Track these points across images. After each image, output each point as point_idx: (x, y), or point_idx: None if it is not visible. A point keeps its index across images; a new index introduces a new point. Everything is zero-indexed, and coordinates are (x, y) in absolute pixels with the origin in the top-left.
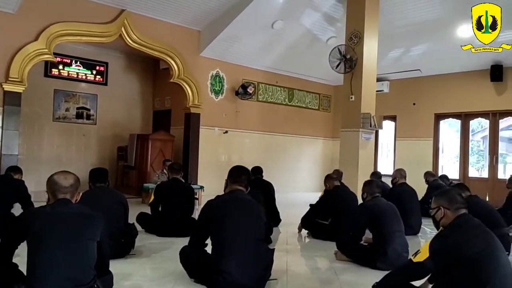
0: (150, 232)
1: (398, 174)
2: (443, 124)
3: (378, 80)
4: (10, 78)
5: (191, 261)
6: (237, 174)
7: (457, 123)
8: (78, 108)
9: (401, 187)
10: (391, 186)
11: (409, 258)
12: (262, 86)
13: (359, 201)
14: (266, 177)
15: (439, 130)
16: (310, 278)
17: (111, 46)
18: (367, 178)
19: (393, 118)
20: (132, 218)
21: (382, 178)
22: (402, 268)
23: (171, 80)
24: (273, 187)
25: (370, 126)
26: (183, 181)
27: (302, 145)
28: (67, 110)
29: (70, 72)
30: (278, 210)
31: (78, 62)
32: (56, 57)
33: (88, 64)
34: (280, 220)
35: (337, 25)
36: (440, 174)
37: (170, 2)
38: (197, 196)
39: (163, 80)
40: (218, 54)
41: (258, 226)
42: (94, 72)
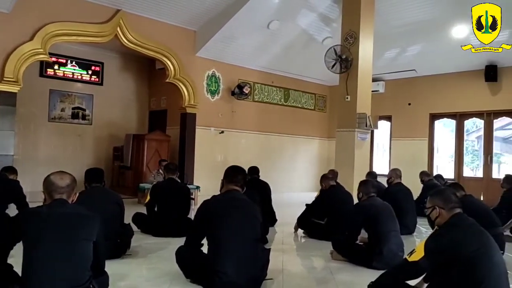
0: (146, 232)
1: (394, 174)
2: (438, 124)
3: (374, 80)
4: (5, 78)
5: (187, 261)
6: (233, 174)
7: (452, 123)
8: (73, 108)
9: (396, 187)
10: (387, 186)
11: (404, 257)
12: (258, 86)
13: (355, 200)
14: (262, 177)
15: (434, 130)
16: (306, 277)
17: (107, 46)
18: (363, 178)
19: (388, 118)
20: (128, 219)
21: (378, 178)
22: (398, 267)
23: (167, 80)
24: (269, 187)
25: (366, 126)
26: (179, 181)
27: (298, 145)
28: (63, 110)
29: (65, 72)
30: (274, 210)
31: (74, 62)
32: (51, 57)
33: (83, 64)
34: (276, 220)
35: (332, 25)
36: (435, 173)
37: (166, 2)
38: (193, 196)
39: (159, 80)
40: (214, 54)
41: (254, 226)
42: (90, 72)
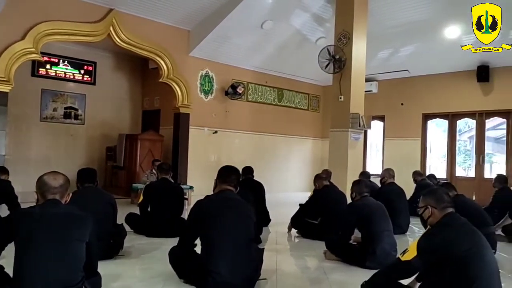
0: (139, 232)
1: (387, 173)
2: (431, 124)
3: (367, 80)
4: None
5: (181, 261)
6: (226, 174)
7: (444, 123)
8: (66, 108)
9: (389, 187)
10: (380, 185)
11: (397, 257)
12: (252, 86)
13: (348, 200)
14: (256, 177)
15: (427, 130)
16: (299, 277)
17: (99, 45)
18: (356, 178)
19: (381, 118)
20: (121, 219)
21: (371, 178)
22: (390, 267)
23: (160, 80)
24: (263, 187)
25: (359, 126)
26: (172, 181)
27: (292, 145)
28: (55, 110)
29: (57, 71)
30: (268, 210)
31: (66, 61)
32: (43, 56)
33: (76, 63)
34: (269, 220)
35: (326, 25)
36: (428, 173)
37: (159, 1)
38: (186, 196)
39: (152, 79)
40: (208, 54)
41: (248, 226)
42: (82, 71)
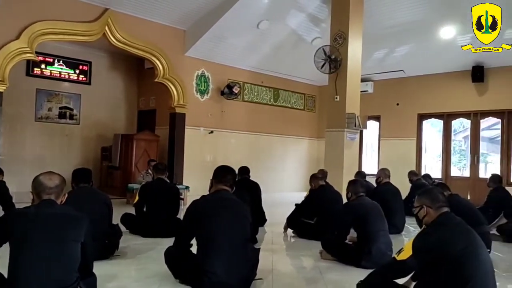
0: (134, 232)
1: (382, 173)
2: (426, 124)
3: (363, 80)
4: None
5: (176, 261)
6: (222, 174)
7: (439, 123)
8: (61, 108)
9: (385, 187)
10: (376, 185)
11: (392, 256)
12: (248, 86)
13: (344, 200)
14: (252, 177)
15: (422, 130)
16: (295, 277)
17: (95, 45)
18: (352, 178)
19: (377, 118)
20: (116, 219)
21: (367, 178)
22: (386, 266)
23: (156, 79)
24: (259, 187)
25: (355, 126)
26: (168, 181)
27: (288, 145)
28: (50, 110)
29: (52, 71)
30: (264, 210)
31: (61, 61)
32: (38, 56)
33: (71, 63)
34: (265, 219)
35: (322, 25)
36: (423, 173)
37: (155, 1)
38: (182, 196)
39: (148, 79)
40: (204, 54)
41: (244, 226)
42: (77, 71)
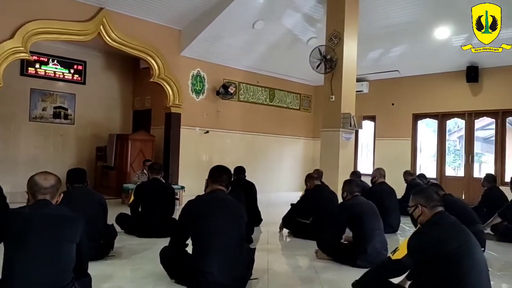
0: (130, 233)
1: (378, 173)
2: (421, 124)
3: (358, 80)
4: None
5: (172, 261)
6: (217, 174)
7: (434, 123)
8: (55, 107)
9: (380, 186)
10: (371, 185)
11: (388, 255)
12: (243, 86)
13: (339, 200)
14: (247, 177)
15: (417, 130)
16: (291, 277)
17: (90, 44)
18: (347, 178)
19: (372, 118)
20: (111, 219)
21: (362, 177)
22: (381, 265)
23: (151, 79)
24: (255, 187)
25: (350, 126)
26: (164, 181)
27: (283, 145)
28: (44, 109)
29: (47, 71)
30: (260, 209)
31: (56, 60)
32: (32, 55)
33: (65, 62)
34: (261, 219)
35: (317, 25)
36: (418, 173)
37: (150, 0)
38: (177, 196)
39: (143, 79)
40: (199, 53)
41: (239, 225)
42: (72, 71)
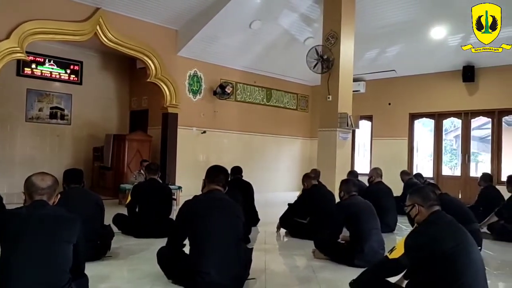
0: (127, 233)
1: (375, 173)
2: (418, 123)
3: (355, 80)
4: None
5: (169, 262)
6: (214, 174)
7: (430, 123)
8: (52, 108)
9: (377, 186)
10: (368, 184)
11: (385, 255)
12: (240, 86)
13: (337, 199)
14: (245, 177)
15: (414, 130)
16: (288, 276)
17: (86, 45)
18: (344, 177)
19: (369, 118)
20: (108, 220)
21: (359, 177)
22: (378, 264)
23: (148, 79)
24: (252, 187)
25: (347, 126)
26: (161, 181)
27: (280, 145)
28: (41, 110)
29: (43, 71)
30: (257, 209)
31: (52, 61)
32: (28, 55)
33: (62, 63)
34: (258, 219)
35: (314, 25)
36: (415, 172)
37: (147, 0)
38: (175, 196)
39: (140, 79)
40: (196, 53)
41: (237, 225)
42: (68, 71)
